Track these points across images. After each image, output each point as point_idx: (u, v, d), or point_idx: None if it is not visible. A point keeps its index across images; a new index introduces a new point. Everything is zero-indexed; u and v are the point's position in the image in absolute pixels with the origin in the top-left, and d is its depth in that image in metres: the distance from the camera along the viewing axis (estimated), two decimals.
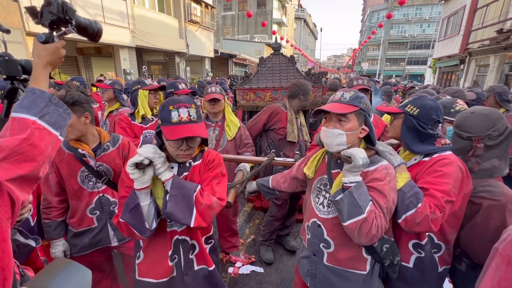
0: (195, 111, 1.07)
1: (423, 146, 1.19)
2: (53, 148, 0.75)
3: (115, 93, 2.56)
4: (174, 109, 1.04)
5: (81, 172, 1.46)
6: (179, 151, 1.08)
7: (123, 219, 1.04)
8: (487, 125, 1.20)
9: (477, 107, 1.33)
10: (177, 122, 1.03)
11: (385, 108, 1.39)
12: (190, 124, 1.04)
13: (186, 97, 1.10)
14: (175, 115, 1.03)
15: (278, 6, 26.80)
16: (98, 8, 8.38)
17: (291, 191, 1.51)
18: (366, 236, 0.99)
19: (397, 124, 1.26)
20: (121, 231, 1.08)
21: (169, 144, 1.07)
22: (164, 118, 1.05)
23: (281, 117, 2.42)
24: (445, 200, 1.05)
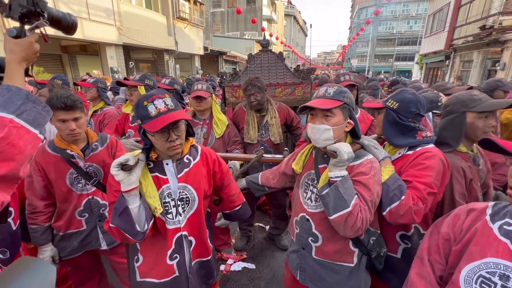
0: (170, 99, 1.06)
1: (404, 139, 1.22)
2: (33, 147, 0.73)
3: (98, 91, 2.49)
4: (149, 103, 1.01)
5: (69, 174, 1.43)
6: (168, 143, 1.05)
7: (113, 224, 1.01)
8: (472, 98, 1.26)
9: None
10: (157, 115, 1.01)
11: (369, 104, 1.42)
12: (170, 113, 1.02)
13: (158, 89, 1.08)
14: (152, 109, 1.01)
15: (268, 3, 26.69)
16: (83, 5, 8.14)
17: (281, 187, 1.53)
18: (352, 229, 1.02)
19: (380, 119, 1.29)
20: (114, 237, 1.05)
21: (156, 139, 1.04)
22: (143, 115, 1.02)
23: (242, 117, 2.40)
24: (428, 192, 1.09)
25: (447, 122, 1.32)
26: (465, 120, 1.24)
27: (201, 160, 1.24)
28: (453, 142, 1.28)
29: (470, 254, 0.74)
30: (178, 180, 1.15)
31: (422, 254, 0.90)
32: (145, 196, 1.07)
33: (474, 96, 1.25)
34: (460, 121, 1.26)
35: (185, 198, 1.16)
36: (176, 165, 1.16)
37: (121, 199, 1.00)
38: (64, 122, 1.36)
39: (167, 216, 1.13)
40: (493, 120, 1.24)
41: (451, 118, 1.30)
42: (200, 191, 1.21)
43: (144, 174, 1.08)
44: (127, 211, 0.99)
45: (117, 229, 1.01)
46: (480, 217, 0.80)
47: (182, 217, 1.16)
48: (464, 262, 0.75)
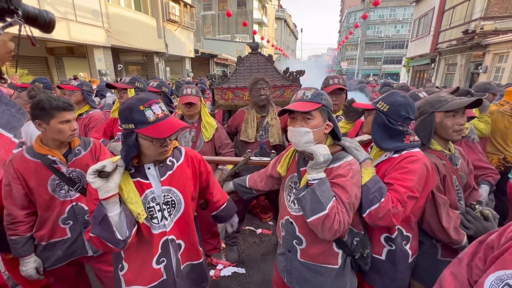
0: (164, 105, 1.07)
1: (392, 142, 1.23)
2: (6, 151, 0.71)
3: (83, 95, 2.42)
4: (146, 108, 1.00)
5: (51, 180, 1.39)
6: (161, 148, 1.05)
7: (93, 233, 0.97)
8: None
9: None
10: (156, 120, 1.00)
11: (359, 104, 1.43)
12: (168, 119, 1.03)
13: (149, 93, 1.08)
14: (150, 114, 1.00)
15: (258, 6, 26.87)
16: (69, 6, 7.98)
17: (268, 189, 1.53)
18: (329, 231, 1.02)
19: (369, 120, 1.31)
20: (96, 247, 1.02)
21: (153, 145, 1.03)
22: (139, 120, 0.99)
23: (241, 118, 2.42)
24: (408, 195, 1.09)
25: (419, 123, 1.40)
26: (434, 119, 1.33)
27: (186, 161, 1.23)
28: (425, 141, 1.35)
29: (503, 261, 0.70)
30: (162, 183, 1.13)
31: (463, 257, 0.86)
32: (127, 202, 1.05)
33: (441, 98, 1.34)
34: (430, 120, 1.34)
35: (170, 202, 1.14)
36: (159, 168, 1.14)
37: (100, 207, 0.97)
38: (68, 122, 1.36)
39: (152, 221, 1.11)
40: (461, 119, 1.31)
41: (422, 118, 1.38)
42: (186, 193, 1.19)
43: (125, 180, 1.06)
44: (107, 219, 0.96)
45: (97, 239, 0.97)
46: None
47: (169, 221, 1.15)
48: (495, 268, 0.71)
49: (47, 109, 1.30)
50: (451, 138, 1.34)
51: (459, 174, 1.41)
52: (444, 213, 1.25)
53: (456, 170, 1.39)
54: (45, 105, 1.29)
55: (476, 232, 1.29)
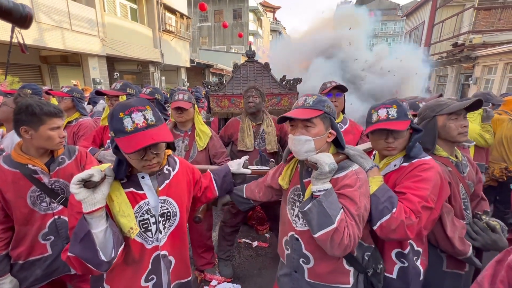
0: (151, 113, 0.93)
1: (415, 149, 1.19)
2: None
3: (73, 101, 2.33)
4: (126, 115, 0.88)
5: (31, 192, 1.28)
6: (143, 162, 0.94)
7: (72, 252, 0.84)
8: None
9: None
10: (133, 131, 0.88)
11: (393, 125, 1.17)
12: (149, 130, 0.90)
13: (138, 98, 0.96)
14: (128, 123, 0.88)
15: (254, 19, 27.38)
16: (64, 15, 7.95)
17: (266, 200, 1.45)
18: (339, 247, 0.94)
19: (406, 137, 1.19)
20: (74, 268, 0.88)
21: (131, 158, 0.93)
22: (117, 129, 0.89)
23: (235, 128, 2.39)
24: (422, 205, 1.03)
25: (422, 128, 1.36)
26: (436, 123, 1.33)
27: (181, 170, 1.16)
28: (429, 145, 1.33)
29: None
30: (160, 193, 1.04)
31: (482, 281, 0.78)
32: (118, 216, 0.95)
33: (440, 102, 1.35)
34: (432, 125, 1.34)
35: (166, 213, 1.06)
36: (157, 176, 1.05)
37: (83, 222, 0.85)
38: (58, 129, 1.29)
39: (146, 234, 1.01)
40: (464, 121, 1.30)
41: (424, 123, 1.37)
42: (182, 204, 1.12)
43: (116, 191, 0.96)
44: (89, 236, 0.84)
45: (76, 259, 0.85)
46: None
47: (163, 234, 1.05)
48: None
49: (37, 114, 1.21)
50: (457, 140, 1.32)
51: (466, 183, 1.36)
52: (449, 222, 1.19)
53: (463, 178, 1.35)
54: (36, 110, 1.21)
55: (484, 245, 1.23)
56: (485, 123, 2.55)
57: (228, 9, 25.74)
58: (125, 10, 11.39)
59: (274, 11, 37.15)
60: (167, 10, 13.24)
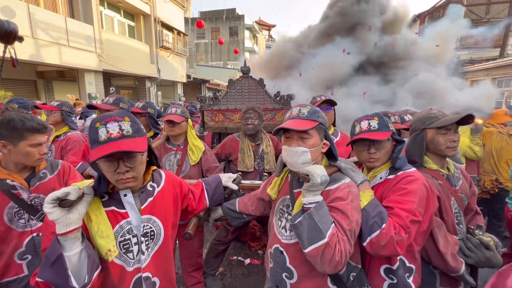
0: (129, 124, 0.90)
1: (400, 160, 1.19)
2: None
3: (63, 115, 2.29)
4: (102, 125, 0.87)
5: (8, 208, 1.22)
6: (116, 175, 0.89)
7: (41, 277, 0.77)
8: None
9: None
10: (106, 140, 0.85)
11: (374, 135, 1.19)
12: (122, 140, 0.87)
13: (119, 110, 0.94)
14: (102, 133, 0.86)
15: (250, 36, 28.19)
16: (62, 32, 8.08)
17: (259, 214, 1.41)
18: (330, 264, 0.90)
19: (389, 148, 1.19)
20: None
21: (103, 169, 0.89)
22: (92, 139, 0.87)
23: (234, 148, 2.40)
24: (410, 220, 1.01)
25: (411, 140, 1.39)
26: (425, 136, 1.33)
27: (166, 185, 1.11)
28: (417, 158, 1.34)
29: None
30: (142, 212, 0.99)
31: None
32: (96, 236, 0.89)
33: (431, 114, 1.34)
34: (421, 137, 1.33)
35: (149, 233, 1.00)
36: (139, 194, 1.01)
37: (55, 244, 0.79)
38: (39, 145, 1.25)
39: (127, 256, 0.95)
40: (454, 135, 1.29)
41: (414, 135, 1.37)
42: (167, 222, 1.06)
43: (96, 210, 0.92)
44: (61, 260, 0.77)
45: (45, 285, 0.78)
46: None
47: (145, 255, 0.99)
48: None
49: (18, 129, 1.18)
50: (446, 155, 1.31)
51: (459, 196, 1.34)
52: (441, 237, 1.17)
53: (455, 192, 1.33)
54: (17, 125, 1.18)
55: (477, 262, 1.20)
56: (474, 135, 2.59)
57: (225, 27, 26.51)
58: (123, 27, 11.64)
59: (269, 29, 38.37)
60: (165, 28, 13.56)
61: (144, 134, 0.95)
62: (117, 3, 10.95)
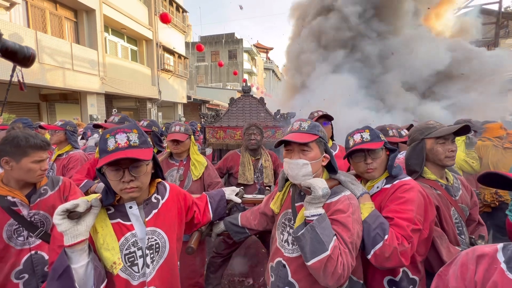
0: (136, 135, 0.94)
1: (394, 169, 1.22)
2: None
3: (66, 134, 2.34)
4: (111, 136, 0.91)
5: (8, 225, 1.21)
6: (122, 184, 0.91)
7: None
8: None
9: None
10: (114, 150, 0.89)
11: (367, 145, 1.24)
12: (129, 150, 0.90)
13: (128, 124, 1.00)
14: (111, 143, 0.90)
15: (248, 58, 29.17)
16: (67, 56, 8.37)
17: (262, 228, 1.40)
18: (333, 277, 0.88)
19: (384, 157, 1.23)
20: None
21: (109, 178, 0.91)
22: (101, 149, 0.91)
23: (235, 161, 2.51)
24: (411, 229, 1.01)
25: (410, 150, 1.41)
26: (424, 146, 1.35)
27: (171, 197, 1.11)
28: (417, 168, 1.36)
29: None
30: (147, 224, 0.99)
31: None
32: (102, 249, 0.89)
33: (429, 125, 1.38)
34: (421, 148, 1.36)
35: (154, 245, 0.99)
36: (144, 206, 1.01)
37: (63, 257, 0.80)
38: (40, 162, 1.26)
39: (132, 269, 0.94)
40: (452, 145, 1.32)
41: (413, 146, 1.40)
42: (172, 234, 1.06)
43: (102, 222, 0.92)
44: (69, 272, 0.78)
45: None
46: (493, 265, 0.67)
47: (150, 268, 0.97)
48: None
49: (22, 146, 1.21)
50: (444, 164, 1.33)
51: (459, 206, 1.34)
52: (443, 248, 1.16)
53: (455, 202, 1.33)
54: (21, 142, 1.20)
55: None
56: (469, 149, 2.60)
57: (224, 50, 27.51)
58: (126, 51, 12.09)
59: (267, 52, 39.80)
60: (166, 51, 14.08)
61: (150, 146, 0.99)
62: (121, 30, 11.45)
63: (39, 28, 7.88)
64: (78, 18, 9.39)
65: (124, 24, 10.96)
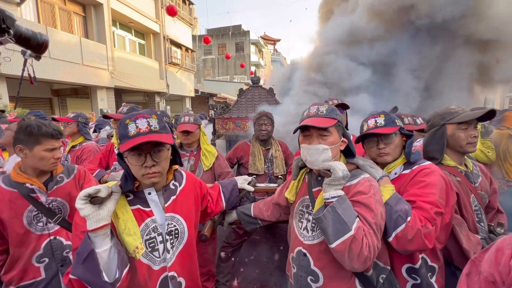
0: (156, 121, 0.94)
1: (413, 155, 1.19)
2: None
3: (78, 126, 2.39)
4: (131, 121, 0.91)
5: (28, 212, 1.24)
6: (143, 169, 0.91)
7: (75, 274, 0.79)
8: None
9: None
10: (135, 135, 0.89)
11: (380, 130, 1.23)
12: (150, 135, 0.90)
13: (146, 109, 0.99)
14: (132, 128, 0.90)
15: (255, 51, 28.86)
16: (77, 51, 8.47)
17: (275, 219, 1.38)
18: (358, 259, 0.86)
19: (398, 142, 1.21)
20: None
21: (131, 163, 0.92)
22: (122, 135, 0.91)
23: (246, 151, 2.49)
24: (435, 211, 0.99)
25: (430, 136, 1.36)
26: (445, 132, 1.30)
27: (188, 185, 1.12)
28: (437, 154, 1.31)
29: None
30: (166, 210, 1.00)
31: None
32: (124, 234, 0.90)
33: (451, 110, 1.32)
34: (441, 133, 1.31)
35: (174, 231, 1.00)
36: (162, 192, 1.02)
37: (86, 241, 0.81)
38: (53, 150, 1.28)
39: (153, 254, 0.95)
40: (474, 131, 1.27)
41: (433, 131, 1.34)
42: (190, 220, 1.07)
43: (122, 208, 0.94)
44: (93, 256, 0.79)
45: (78, 282, 0.79)
46: None
47: (171, 254, 0.99)
48: None
49: (34, 134, 1.23)
50: (465, 151, 1.29)
51: (479, 193, 1.30)
52: (463, 236, 1.14)
53: (475, 189, 1.29)
54: (33, 130, 1.22)
55: None
56: (485, 139, 2.50)
57: (231, 43, 27.27)
58: (133, 45, 12.14)
59: (274, 43, 39.23)
60: (173, 45, 14.07)
61: (169, 131, 0.98)
62: (128, 24, 11.48)
63: (48, 23, 7.98)
64: (86, 13, 9.45)
65: (131, 17, 10.98)
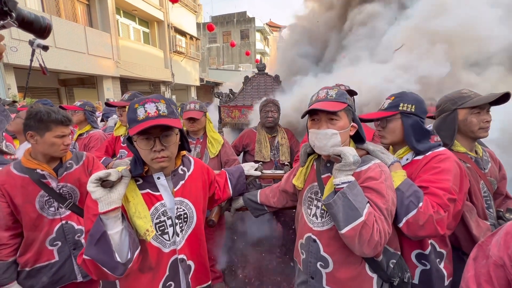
0: (164, 106, 0.94)
1: (423, 144, 1.13)
2: None
3: (85, 115, 2.41)
4: (140, 106, 0.91)
5: (39, 197, 1.27)
6: (152, 153, 0.92)
7: (88, 255, 0.82)
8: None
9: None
10: (144, 119, 0.89)
11: (374, 114, 1.29)
12: (159, 119, 0.90)
13: (155, 94, 0.98)
14: (141, 112, 0.90)
15: (261, 38, 28.32)
16: (82, 40, 8.46)
17: (281, 206, 1.39)
18: (369, 244, 0.85)
19: (396, 127, 1.18)
20: (89, 273, 0.86)
21: (139, 147, 0.92)
22: (131, 119, 0.91)
23: (252, 139, 2.48)
24: (448, 198, 0.97)
25: (440, 121, 1.31)
26: (457, 117, 1.25)
27: (196, 170, 1.13)
28: (447, 140, 1.27)
29: None
30: (175, 195, 1.02)
31: (468, 285, 0.72)
32: (134, 217, 0.92)
33: (463, 94, 1.27)
34: (452, 118, 1.26)
35: (183, 215, 1.02)
36: (172, 177, 1.03)
37: (99, 223, 0.83)
38: (63, 137, 1.30)
39: (163, 237, 0.98)
40: (487, 115, 1.23)
41: (443, 116, 1.30)
42: (198, 205, 1.08)
43: (132, 192, 0.95)
44: (106, 237, 0.81)
45: (92, 262, 0.81)
46: None
47: (180, 237, 1.01)
48: None
49: (44, 121, 1.24)
50: (477, 136, 1.25)
51: (488, 180, 1.28)
52: (473, 222, 1.12)
53: (484, 175, 1.27)
54: (43, 117, 1.24)
55: None
56: None
57: (236, 30, 26.78)
58: (138, 34, 12.04)
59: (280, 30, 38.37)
60: (178, 33, 13.89)
61: (177, 116, 0.98)
62: (132, 11, 11.35)
63: (52, 12, 7.94)
64: (90, 1, 9.36)
65: (135, 5, 10.83)
